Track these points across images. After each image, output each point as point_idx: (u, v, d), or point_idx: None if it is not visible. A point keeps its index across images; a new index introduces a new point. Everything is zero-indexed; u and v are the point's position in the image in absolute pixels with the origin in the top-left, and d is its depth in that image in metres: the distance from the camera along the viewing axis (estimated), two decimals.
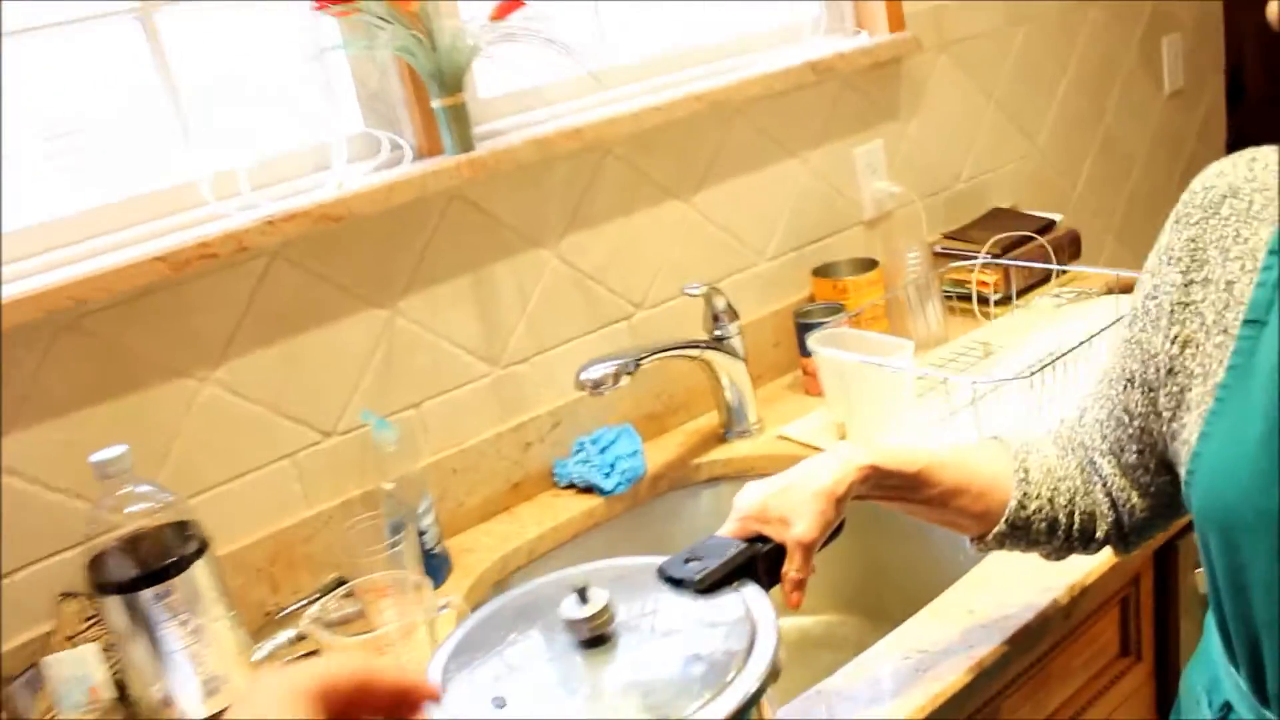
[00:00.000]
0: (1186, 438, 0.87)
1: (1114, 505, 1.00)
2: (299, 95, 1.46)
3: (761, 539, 0.96)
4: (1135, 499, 0.98)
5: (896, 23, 1.92)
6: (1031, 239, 1.95)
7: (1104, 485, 1.00)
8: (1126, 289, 1.78)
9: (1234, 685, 0.90)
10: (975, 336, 1.80)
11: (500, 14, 1.43)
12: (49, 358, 1.25)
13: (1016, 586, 1.18)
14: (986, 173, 2.17)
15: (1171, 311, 0.89)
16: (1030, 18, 2.20)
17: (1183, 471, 0.87)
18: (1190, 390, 0.87)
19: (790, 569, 0.94)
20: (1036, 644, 1.17)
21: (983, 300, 1.87)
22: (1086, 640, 1.27)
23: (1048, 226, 2.00)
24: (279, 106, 1.44)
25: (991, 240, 1.90)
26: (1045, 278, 1.94)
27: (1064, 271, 1.90)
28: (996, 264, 1.86)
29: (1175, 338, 0.88)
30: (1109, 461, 0.99)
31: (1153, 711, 1.39)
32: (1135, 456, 0.96)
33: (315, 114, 1.47)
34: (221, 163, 1.39)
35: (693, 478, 1.65)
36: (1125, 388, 0.95)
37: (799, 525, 0.93)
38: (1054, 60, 2.28)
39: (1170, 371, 0.89)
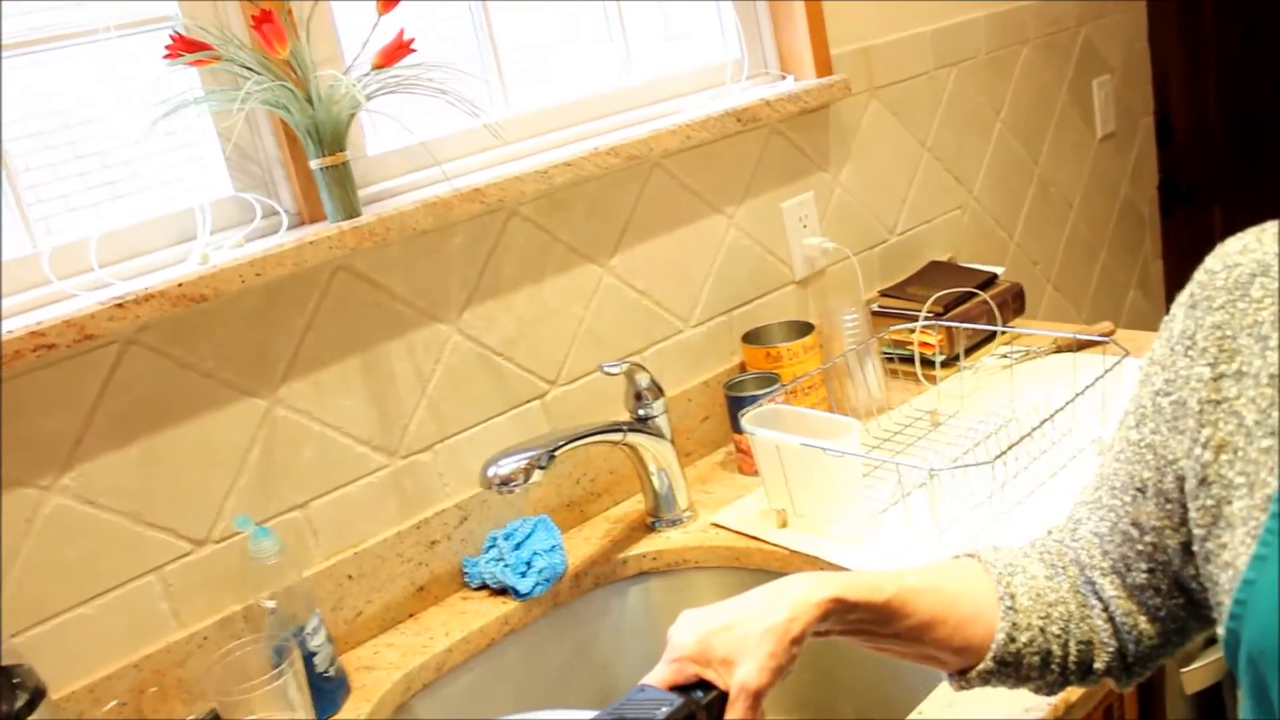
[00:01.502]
0: (1229, 560, 0.72)
1: (1116, 632, 0.85)
2: (156, 155, 1.28)
3: (701, 685, 0.79)
4: (1143, 625, 0.84)
5: (824, 66, 1.79)
6: (974, 294, 1.82)
7: (1105, 609, 0.85)
8: (1079, 347, 1.66)
9: None
10: (921, 403, 1.66)
11: (385, 60, 1.27)
12: None
13: (993, 708, 1.03)
14: (922, 224, 2.06)
15: (1200, 411, 0.75)
16: (962, 57, 2.09)
17: (1225, 600, 0.72)
18: (1231, 503, 0.73)
19: (733, 719, 0.78)
20: None
21: (926, 362, 1.73)
22: None
23: (990, 281, 1.88)
24: (133, 168, 1.26)
25: (933, 298, 1.77)
26: (990, 336, 1.81)
27: (1009, 330, 1.78)
28: (939, 325, 1.73)
29: (1206, 442, 0.75)
30: (1111, 582, 0.85)
31: None
32: (1144, 576, 0.82)
33: (176, 177, 1.29)
34: (66, 235, 1.21)
35: (619, 573, 1.48)
36: (1135, 498, 0.81)
37: (745, 668, 0.78)
38: (988, 103, 2.17)
39: (1203, 482, 0.75)
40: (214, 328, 1.25)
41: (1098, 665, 0.85)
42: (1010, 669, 0.84)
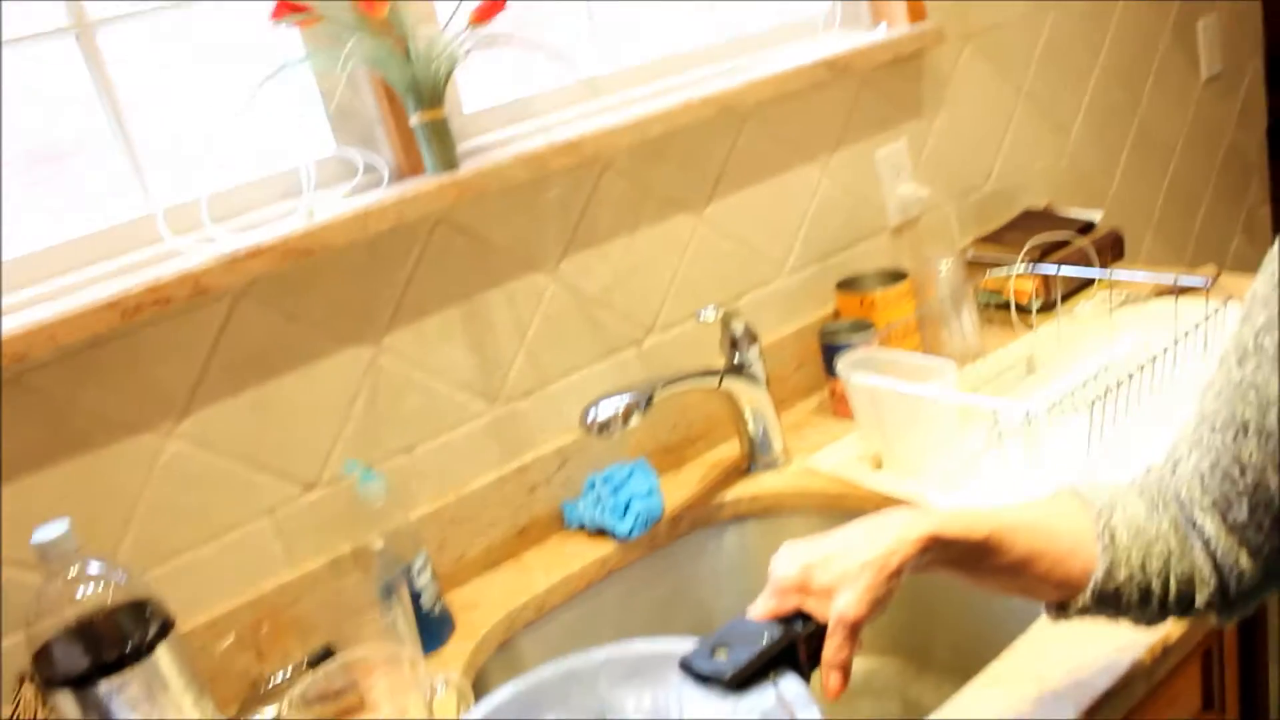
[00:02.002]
0: None
1: (1217, 569, 0.85)
2: (262, 116, 1.32)
3: (801, 617, 0.82)
4: (1244, 561, 0.84)
5: (917, 13, 1.77)
6: (1071, 241, 1.80)
7: (1206, 546, 0.85)
8: (1181, 293, 1.63)
9: None
10: (1015, 350, 1.65)
11: (481, 17, 1.29)
12: None
13: (1089, 646, 1.04)
14: (1018, 171, 2.03)
15: None
16: (1058, 2, 2.05)
17: None
18: None
19: (831, 650, 0.80)
20: (1115, 711, 1.02)
21: (1021, 309, 1.72)
22: (1167, 699, 1.12)
23: (1087, 227, 1.86)
24: (240, 130, 1.30)
25: (1028, 245, 1.75)
26: (1088, 283, 1.79)
27: (1108, 276, 1.76)
28: (1035, 271, 1.71)
29: None
30: (1213, 519, 0.84)
31: None
32: (1245, 514, 0.82)
33: (281, 137, 1.33)
34: (178, 194, 1.26)
35: (716, 516, 1.51)
36: (1236, 436, 0.81)
37: (843, 600, 0.80)
38: (1085, 47, 2.13)
39: None
40: (320, 281, 1.29)
41: (1199, 601, 0.85)
42: (1109, 604, 0.85)
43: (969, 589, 0.98)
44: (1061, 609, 0.86)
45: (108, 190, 1.24)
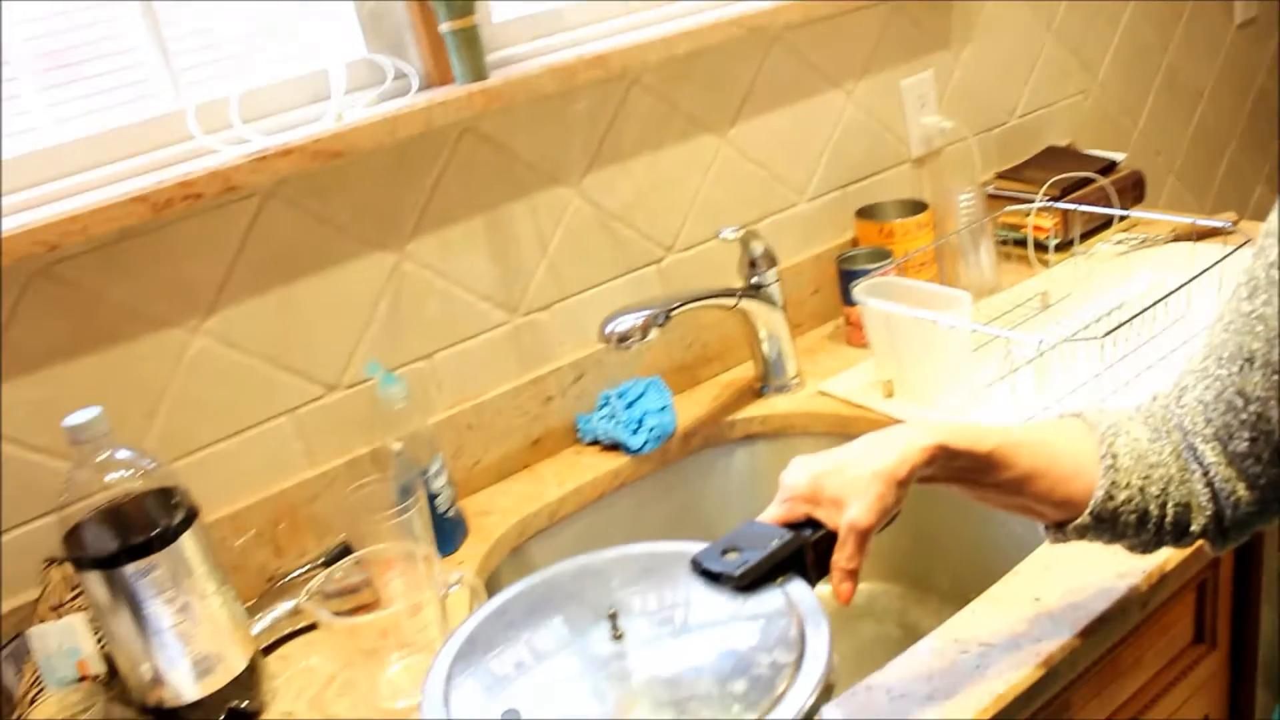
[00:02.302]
0: None
1: (1215, 497, 0.87)
2: (293, 18, 1.32)
3: (809, 525, 0.84)
4: (1241, 491, 0.86)
5: None
6: (1092, 180, 1.80)
7: (1205, 475, 0.87)
8: (1200, 236, 1.64)
9: None
10: (1032, 285, 1.67)
11: None
12: (20, 308, 1.15)
13: (1088, 571, 1.06)
14: (1043, 108, 2.02)
15: None
16: None
17: None
18: None
19: (841, 557, 0.82)
20: (1109, 636, 1.05)
21: (1039, 246, 1.73)
22: (1160, 628, 1.15)
23: (1109, 167, 1.86)
24: (271, 30, 1.31)
25: (1049, 181, 1.76)
26: (1106, 222, 1.79)
27: (1127, 216, 1.76)
28: (1055, 207, 1.72)
29: None
30: (1213, 449, 0.86)
31: (1225, 700, 1.28)
32: (1246, 445, 0.84)
33: (312, 39, 1.34)
34: (209, 92, 1.27)
35: (727, 435, 1.53)
36: (1243, 368, 0.83)
37: (854, 508, 0.82)
38: None
39: None
40: (347, 184, 1.31)
41: (1194, 528, 0.87)
42: (1107, 525, 0.87)
43: (970, 519, 1.01)
44: (1060, 529, 0.88)
45: (139, 92, 1.25)
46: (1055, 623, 1.01)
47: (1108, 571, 1.06)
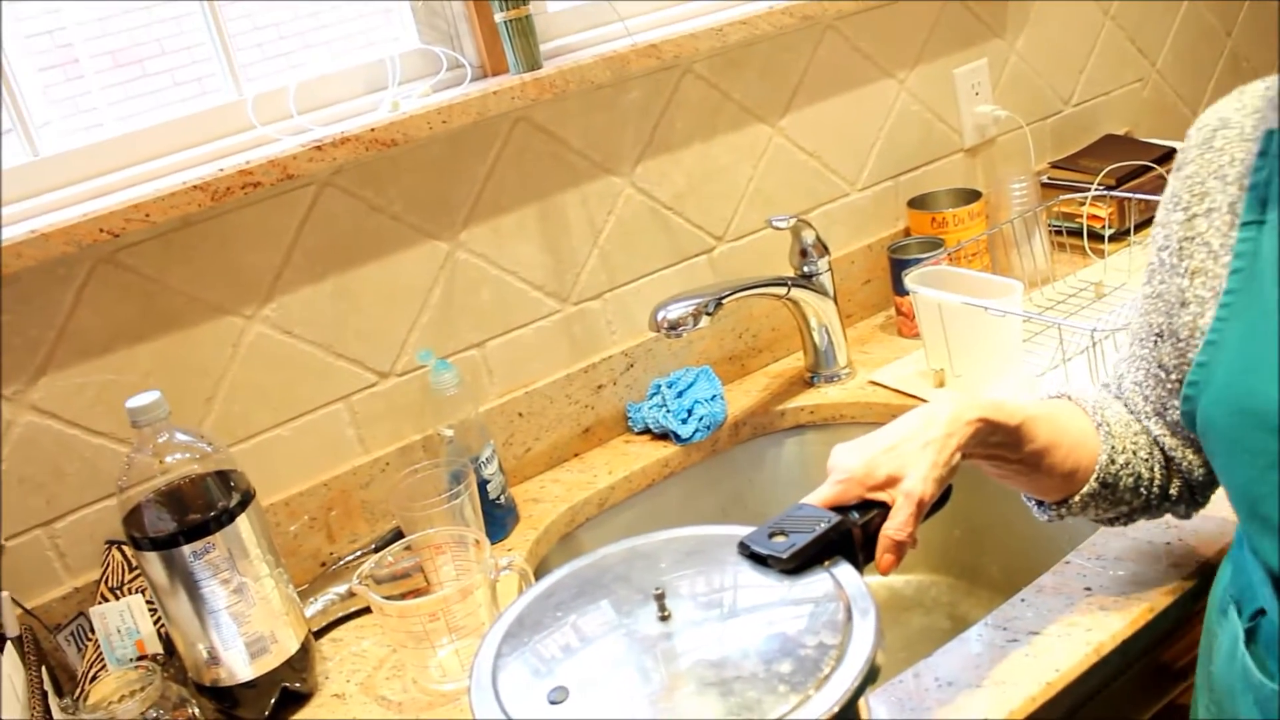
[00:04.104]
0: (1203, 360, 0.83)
1: (1173, 464, 0.96)
2: (349, 10, 1.34)
3: (856, 508, 0.84)
4: (1190, 456, 0.95)
5: None
6: (1149, 169, 1.78)
7: (1160, 446, 0.96)
8: None
9: (1270, 590, 0.83)
10: (1085, 275, 1.65)
11: None
12: (85, 294, 1.17)
13: (1139, 562, 1.05)
14: (1099, 96, 2.00)
15: (1180, 248, 0.86)
16: None
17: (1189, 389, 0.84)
18: (1204, 317, 0.84)
19: (893, 525, 0.84)
20: (1161, 627, 1.04)
21: (1093, 236, 1.71)
22: None
23: (1167, 155, 1.83)
24: (329, 23, 1.33)
25: (1105, 170, 1.74)
26: None
27: None
28: (1110, 196, 1.70)
29: (1186, 271, 0.86)
30: (1156, 423, 0.95)
31: None
32: (1179, 413, 0.90)
33: (368, 30, 1.36)
34: (267, 84, 1.29)
35: (777, 424, 1.53)
36: (1155, 343, 0.92)
37: (910, 479, 0.85)
38: None
39: (1183, 304, 0.86)
40: (402, 173, 1.32)
41: (1172, 490, 0.96)
42: (1108, 491, 0.94)
43: (1020, 510, 1.03)
44: (1063, 503, 0.95)
45: (201, 88, 1.28)
46: (1106, 613, 1.00)
47: (1160, 563, 1.05)
